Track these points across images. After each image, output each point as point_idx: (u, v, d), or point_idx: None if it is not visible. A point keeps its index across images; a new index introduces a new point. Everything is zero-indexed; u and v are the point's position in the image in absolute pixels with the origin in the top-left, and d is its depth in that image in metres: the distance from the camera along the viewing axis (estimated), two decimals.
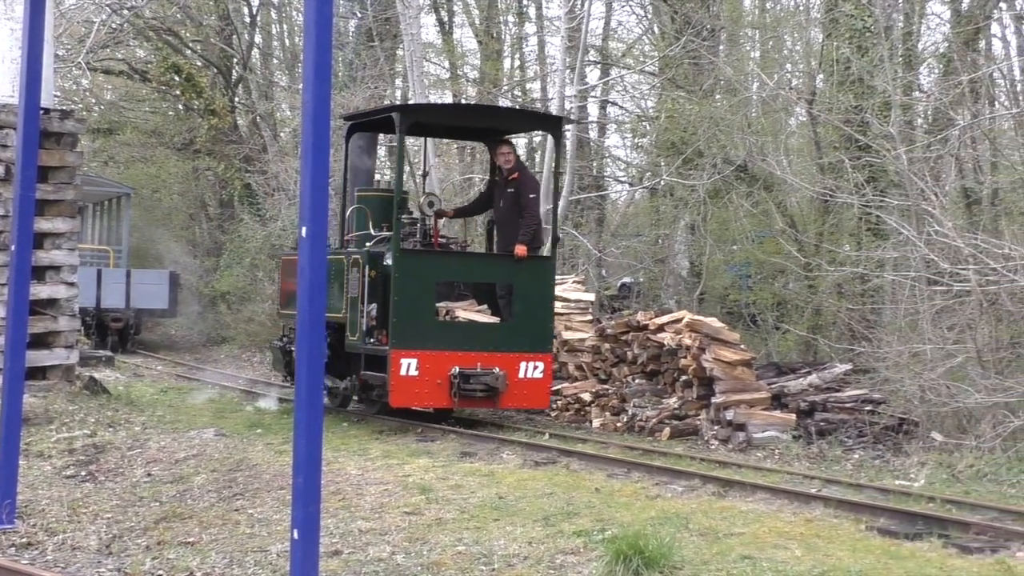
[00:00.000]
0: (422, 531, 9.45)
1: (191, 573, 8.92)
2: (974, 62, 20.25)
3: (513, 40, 32.34)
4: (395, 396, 14.74)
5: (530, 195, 15.91)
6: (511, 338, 15.30)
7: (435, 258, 15.76)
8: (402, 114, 15.52)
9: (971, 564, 8.43)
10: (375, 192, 16.99)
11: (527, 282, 15.57)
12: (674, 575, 7.94)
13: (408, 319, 14.71)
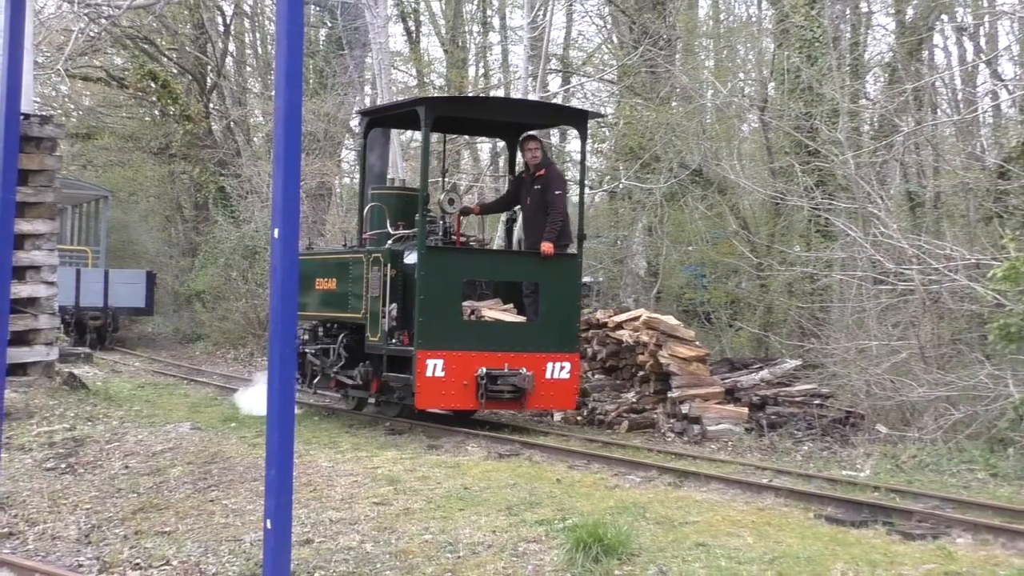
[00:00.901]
0: (390, 521, 9.45)
1: (168, 561, 8.90)
2: (917, 71, 20.39)
3: (477, 49, 32.38)
4: (421, 398, 13.83)
5: (556, 191, 15.02)
6: (538, 338, 14.41)
7: (461, 256, 14.83)
8: (428, 107, 14.52)
9: (913, 550, 8.49)
10: (392, 190, 16.25)
11: (553, 280, 14.66)
12: (632, 562, 7.96)
13: (434, 319, 13.83)
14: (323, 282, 15.78)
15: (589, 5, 28.30)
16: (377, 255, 14.43)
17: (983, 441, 13.40)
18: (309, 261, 16.41)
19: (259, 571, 8.17)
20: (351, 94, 30.56)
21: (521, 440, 13.37)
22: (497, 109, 17.13)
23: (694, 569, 7.77)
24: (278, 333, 8.20)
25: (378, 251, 14.54)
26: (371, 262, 14.48)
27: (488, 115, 16.47)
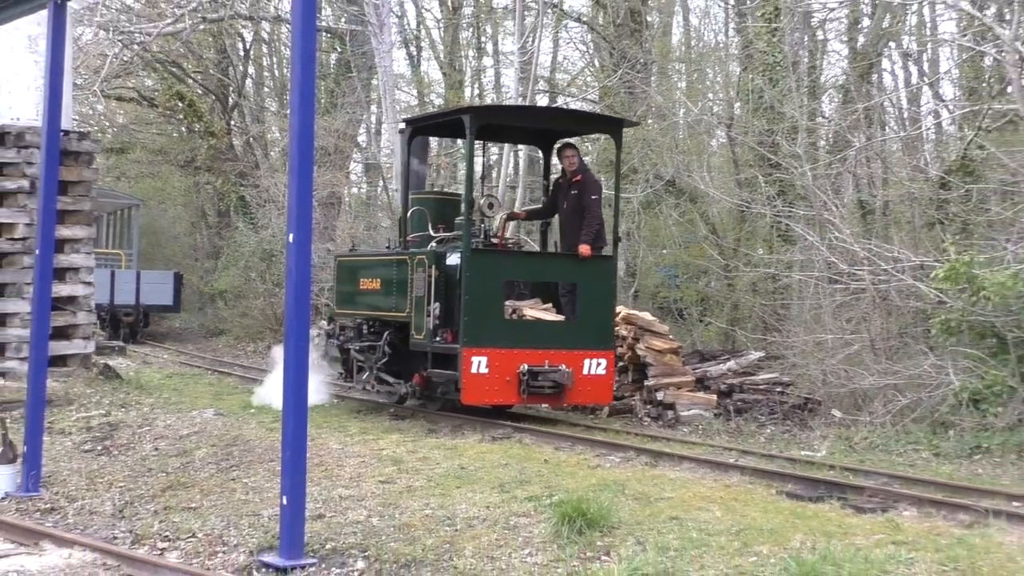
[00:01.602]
0: (394, 497, 9.45)
1: (193, 534, 8.89)
2: (868, 92, 20.43)
3: (473, 72, 32.35)
4: (467, 393, 13.18)
5: (592, 196, 14.39)
6: (576, 336, 13.79)
7: (504, 258, 14.21)
8: (474, 115, 13.94)
9: (865, 522, 8.51)
10: (432, 195, 15.78)
11: (591, 281, 14.05)
12: (612, 534, 7.96)
13: (478, 318, 13.21)
14: (367, 282, 15.21)
15: (573, 32, 28.38)
16: (421, 257, 13.86)
17: (927, 424, 13.42)
18: (354, 262, 16.09)
19: (276, 543, 8.17)
20: (358, 112, 30.55)
21: (512, 425, 13.37)
22: (538, 117, 16.45)
23: (668, 540, 7.78)
24: (292, 328, 8.20)
25: (422, 253, 13.95)
26: (416, 263, 13.92)
27: (529, 123, 15.79)
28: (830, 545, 7.54)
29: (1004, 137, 15.93)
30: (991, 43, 16.03)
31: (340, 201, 30.25)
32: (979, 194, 15.86)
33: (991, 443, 12.12)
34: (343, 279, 16.14)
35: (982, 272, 13.02)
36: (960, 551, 7.45)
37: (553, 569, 7.43)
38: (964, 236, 15.19)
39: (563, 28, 27.61)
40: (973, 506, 8.97)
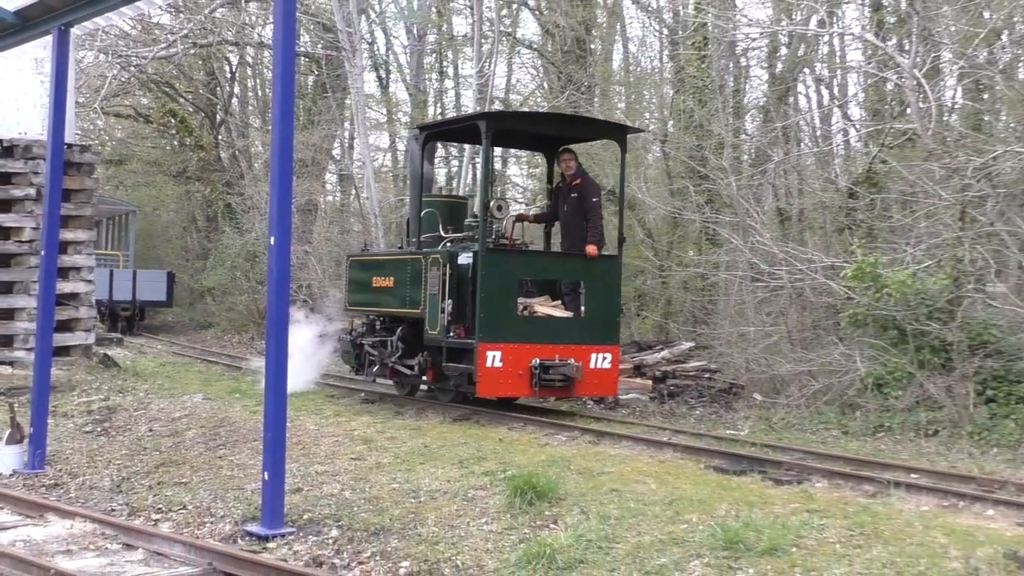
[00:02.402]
0: (365, 472, 9.44)
1: (184, 506, 8.85)
2: (785, 113, 20.56)
3: (436, 93, 32.30)
4: (482, 386, 12.48)
5: (593, 199, 13.67)
6: (583, 331, 13.11)
7: (517, 257, 13.45)
8: (489, 121, 13.13)
9: (782, 492, 8.58)
10: (442, 198, 15.01)
11: (597, 279, 13.34)
12: (559, 505, 7.98)
13: (493, 314, 12.50)
14: (380, 280, 14.38)
15: (525, 58, 28.36)
16: (436, 256, 13.11)
17: (836, 406, 13.54)
18: (367, 262, 15.41)
19: (259, 514, 8.14)
20: (333, 128, 30.44)
21: (470, 407, 13.37)
22: (549, 123, 15.22)
23: (609, 510, 7.80)
24: (273, 322, 8.18)
25: (437, 252, 13.19)
26: (430, 263, 13.17)
27: (542, 129, 14.63)
28: (752, 513, 7.60)
29: (904, 153, 16.07)
30: (892, 70, 16.19)
31: (316, 208, 30.14)
32: (882, 203, 16.00)
33: (892, 422, 12.24)
34: (356, 278, 15.34)
35: (885, 272, 13.14)
36: (865, 517, 7.52)
37: (507, 536, 7.44)
38: (869, 240, 15.30)
39: (516, 54, 27.61)
40: (877, 478, 9.05)
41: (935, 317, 12.60)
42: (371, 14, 30.87)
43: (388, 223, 25.41)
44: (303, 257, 25.39)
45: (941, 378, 12.34)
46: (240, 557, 7.06)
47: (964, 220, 13.02)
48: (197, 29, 28.37)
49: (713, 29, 20.00)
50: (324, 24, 27.78)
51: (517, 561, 6.86)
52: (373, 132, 30.97)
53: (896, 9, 19.21)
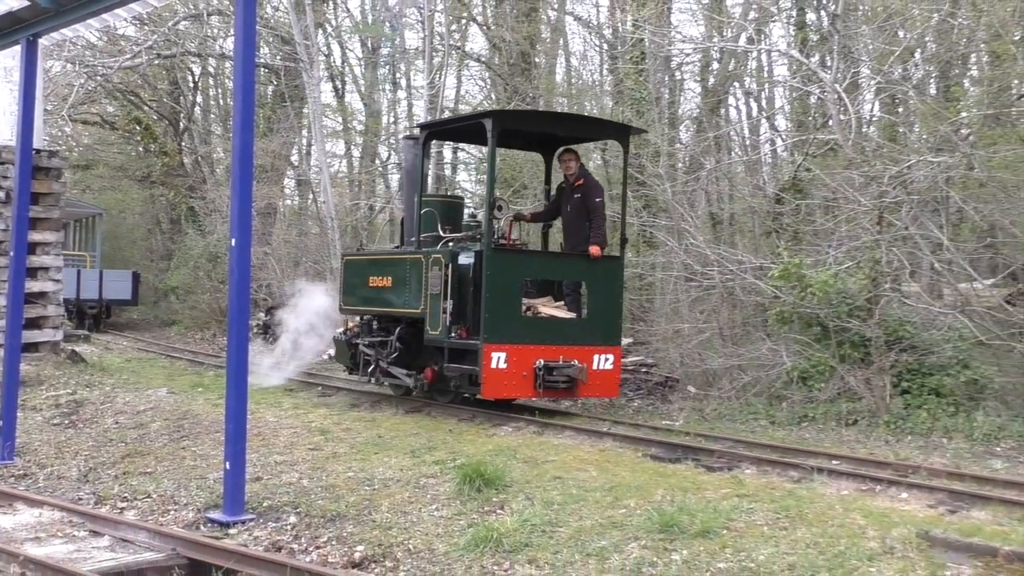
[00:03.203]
0: (322, 462, 9.39)
1: (149, 495, 8.75)
2: (717, 123, 20.74)
3: (389, 103, 32.23)
4: (487, 388, 11.63)
5: (596, 199, 12.80)
6: (586, 332, 12.30)
7: (522, 257, 12.70)
8: (495, 120, 12.10)
9: (714, 479, 8.64)
10: (440, 197, 13.87)
11: (600, 280, 12.56)
12: (505, 491, 7.99)
13: (498, 315, 11.68)
14: (377, 280, 13.43)
15: (473, 70, 28.36)
16: (438, 256, 12.22)
17: (764, 397, 13.64)
18: (363, 261, 14.30)
19: (220, 502, 8.07)
20: (291, 136, 30.24)
21: (423, 400, 13.34)
22: (555, 122, 14.16)
23: (552, 496, 7.82)
24: (234, 319, 8.11)
25: (439, 252, 12.30)
26: (432, 262, 12.27)
27: (547, 128, 13.62)
28: (686, 498, 7.65)
29: (826, 161, 16.25)
30: (815, 84, 16.36)
31: (276, 211, 29.94)
32: (806, 208, 16.16)
33: (816, 413, 12.35)
34: (351, 277, 14.23)
35: (809, 272, 13.25)
36: (791, 501, 7.60)
37: (456, 521, 7.44)
38: (795, 243, 15.46)
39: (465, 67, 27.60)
40: (801, 464, 9.11)
41: (855, 315, 12.73)
42: (327, 28, 30.74)
43: (344, 226, 25.31)
44: (263, 258, 25.21)
45: (860, 371, 12.47)
46: (202, 543, 6.99)
47: (881, 224, 13.15)
48: (161, 41, 28.10)
49: (650, 45, 20.12)
50: (283, 37, 27.58)
51: (466, 545, 6.86)
52: (329, 140, 30.81)
53: (819, 28, 19.45)
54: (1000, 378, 12.22)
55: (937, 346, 12.33)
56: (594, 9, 28.86)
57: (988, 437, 10.86)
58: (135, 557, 6.92)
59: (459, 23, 26.38)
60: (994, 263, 14.64)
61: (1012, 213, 13.82)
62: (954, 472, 9.00)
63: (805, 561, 6.23)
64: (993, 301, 13.41)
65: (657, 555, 6.48)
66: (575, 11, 28.03)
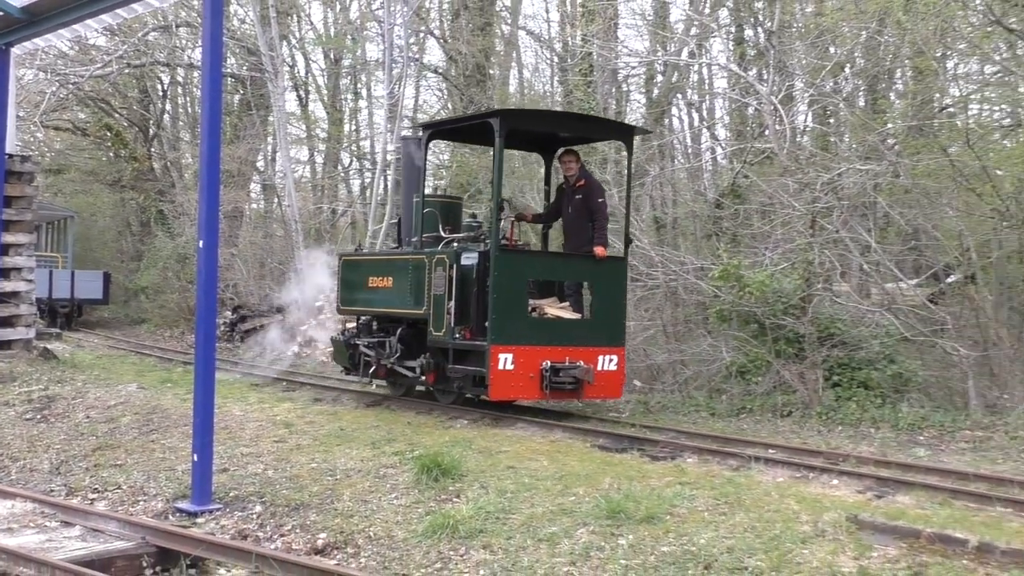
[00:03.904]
0: (286, 453, 9.33)
1: (119, 486, 8.66)
2: (661, 132, 20.82)
3: (351, 111, 32.07)
4: (494, 389, 10.89)
5: (598, 199, 12.12)
6: (591, 333, 11.58)
7: (529, 257, 12.05)
8: (503, 119, 11.27)
9: (658, 467, 8.68)
10: (441, 198, 13.03)
11: (605, 281, 11.85)
12: (461, 480, 7.98)
13: (505, 316, 10.97)
14: (377, 280, 12.69)
15: (431, 81, 28.27)
16: (442, 256, 11.51)
17: (705, 391, 13.72)
18: (362, 262, 13.47)
19: (188, 492, 8.00)
20: (257, 142, 30.01)
21: (382, 394, 13.29)
22: (562, 122, 13.27)
23: (506, 484, 7.82)
24: (202, 317, 8.04)
25: (443, 253, 11.59)
26: (435, 263, 11.56)
27: (553, 128, 12.81)
28: (632, 486, 7.68)
29: (763, 169, 16.39)
30: (753, 97, 16.50)
31: (242, 214, 29.69)
32: (744, 213, 16.27)
33: (753, 405, 12.44)
34: (349, 278, 13.42)
35: (747, 273, 13.34)
36: (730, 488, 7.65)
37: (414, 509, 7.42)
38: (734, 245, 15.56)
39: (423, 78, 27.52)
40: (739, 453, 9.18)
41: (789, 312, 12.84)
42: (291, 40, 30.55)
43: (308, 228, 25.16)
44: (229, 259, 25.00)
45: (794, 366, 12.57)
46: (171, 532, 6.93)
47: (814, 228, 13.26)
48: (131, 51, 27.78)
49: (598, 58, 20.19)
50: (249, 48, 27.36)
51: (424, 531, 6.85)
52: (293, 146, 30.60)
53: (756, 43, 19.61)
54: (923, 372, 12.38)
55: (865, 342, 12.46)
56: (545, 24, 28.94)
57: (912, 427, 11.01)
58: (106, 546, 6.84)
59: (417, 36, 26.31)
60: (918, 264, 14.84)
61: (934, 217, 14.02)
62: (881, 460, 9.12)
63: (743, 544, 6.28)
64: (917, 300, 13.59)
65: (605, 540, 6.50)
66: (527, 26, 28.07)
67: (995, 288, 12.88)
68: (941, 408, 11.64)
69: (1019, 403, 11.10)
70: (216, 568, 6.44)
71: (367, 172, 29.75)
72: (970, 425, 10.94)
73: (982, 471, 8.70)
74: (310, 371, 16.95)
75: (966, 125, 13.88)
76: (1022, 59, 13.87)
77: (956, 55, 15.48)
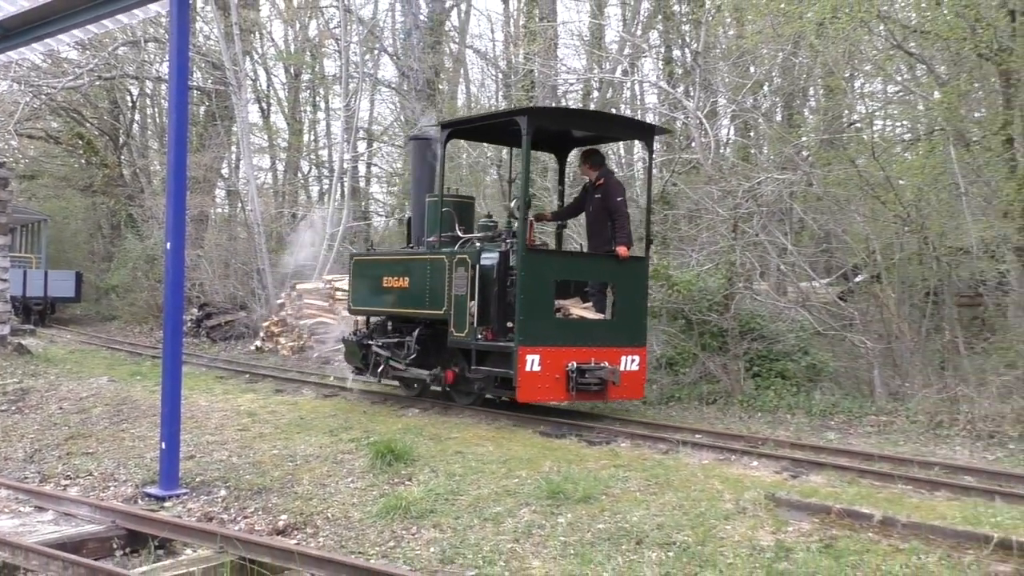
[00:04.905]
0: (249, 441, 9.24)
1: (91, 473, 8.51)
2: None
3: (310, 122, 31.80)
4: (523, 392, 10.04)
5: (618, 198, 11.29)
6: (614, 333, 10.75)
7: (555, 258, 11.19)
8: (531, 117, 10.34)
9: (595, 451, 8.72)
10: (456, 198, 11.78)
11: (627, 281, 11.01)
12: (413, 465, 7.96)
13: (532, 316, 10.12)
14: (393, 281, 11.69)
15: (385, 95, 28.11)
16: (463, 256, 10.62)
17: None
18: (377, 262, 12.39)
19: (157, 478, 7.89)
20: (221, 151, 29.61)
21: (339, 386, 13.20)
22: (589, 121, 12.19)
23: (454, 468, 7.81)
24: (170, 314, 7.92)
25: (464, 253, 10.69)
26: (456, 263, 10.67)
27: (580, 127, 11.76)
28: (570, 469, 7.71)
29: (690, 178, 16.51)
30: (680, 111, 16.63)
31: (207, 218, 29.30)
32: (673, 217, 16.39)
33: (681, 394, 12.53)
34: (362, 278, 12.43)
35: (675, 273, 13.44)
36: (660, 470, 7.71)
37: (369, 492, 7.38)
38: (663, 247, 15.65)
39: (377, 91, 27.36)
40: (668, 438, 9.25)
41: (714, 309, 12.95)
42: (254, 55, 30.23)
43: (270, 232, 24.91)
44: (195, 260, 24.67)
45: (718, 358, 12.69)
46: (140, 515, 6.82)
47: (736, 232, 13.38)
48: (102, 64, 27.28)
49: (538, 75, 20.21)
50: (214, 63, 26.98)
51: (378, 512, 6.82)
52: (256, 154, 30.23)
53: (683, 63, 19.77)
54: (834, 363, 12.57)
55: (782, 336, 12.61)
56: (491, 43, 28.93)
57: (824, 413, 11.17)
58: (77, 529, 6.72)
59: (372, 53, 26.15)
60: (829, 265, 15.06)
61: (843, 223, 14.23)
62: (796, 443, 9.24)
63: (671, 521, 6.34)
64: (828, 297, 13.79)
65: (545, 518, 6.52)
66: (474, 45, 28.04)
67: (897, 287, 13.11)
68: (850, 396, 11.82)
69: (918, 391, 11.31)
70: (183, 549, 6.35)
71: (325, 179, 29.55)
72: (875, 411, 11.14)
73: (886, 452, 8.87)
74: (271, 364, 16.79)
75: (871, 139, 14.11)
76: (921, 80, 14.15)
77: (862, 76, 15.73)
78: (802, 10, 12.97)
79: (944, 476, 7.82)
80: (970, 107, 12.81)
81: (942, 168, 12.48)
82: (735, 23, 17.46)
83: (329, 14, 28.17)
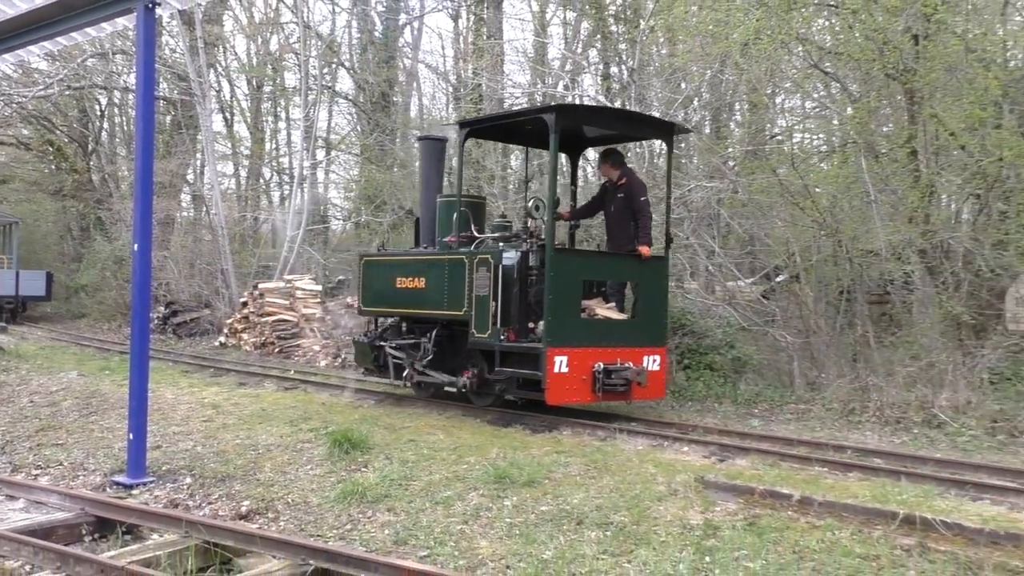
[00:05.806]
0: (214, 431, 9.11)
1: (61, 463, 8.32)
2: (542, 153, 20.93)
3: (271, 131, 31.47)
4: (552, 394, 9.35)
5: (641, 198, 10.51)
6: (636, 333, 10.10)
7: (582, 258, 10.47)
8: (559, 114, 9.52)
9: (539, 439, 8.75)
10: (472, 198, 11.17)
11: (650, 280, 10.36)
12: (369, 452, 7.91)
13: (560, 317, 9.43)
14: (407, 281, 10.92)
15: (342, 106, 27.89)
16: (485, 256, 9.91)
17: None
18: (389, 262, 11.51)
19: (124, 467, 7.75)
20: (187, 158, 29.17)
21: (299, 379, 13.08)
22: (613, 119, 11.13)
23: (407, 455, 7.78)
24: (137, 312, 7.78)
25: (486, 252, 9.97)
26: (478, 263, 9.96)
27: (605, 125, 10.91)
28: (516, 455, 7.72)
29: None
30: None
31: (173, 221, 28.86)
32: None
33: None
34: (373, 279, 11.62)
35: None
36: (598, 456, 7.75)
37: (328, 478, 7.32)
38: None
39: (335, 103, 27.13)
40: (606, 426, 9.33)
41: None
42: (218, 67, 29.81)
43: (233, 234, 24.60)
44: (162, 261, 24.28)
45: None
46: (108, 502, 6.69)
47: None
48: (71, 74, 26.72)
49: (486, 89, 20.22)
50: (179, 74, 26.56)
51: (336, 497, 6.76)
52: (220, 161, 29.80)
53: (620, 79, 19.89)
54: (757, 355, 12.72)
55: (711, 331, 12.73)
56: (442, 59, 28.86)
57: (748, 402, 11.32)
58: (47, 516, 6.57)
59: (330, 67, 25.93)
60: (753, 266, 15.25)
61: (766, 227, 14.42)
62: (723, 430, 9.35)
63: (609, 503, 6.38)
64: (752, 296, 13.97)
65: (492, 501, 6.52)
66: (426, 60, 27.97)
67: (814, 286, 13.32)
68: (772, 386, 11.98)
69: (833, 381, 11.50)
70: (149, 534, 6.24)
71: (286, 185, 29.24)
72: (795, 399, 11.31)
73: (804, 437, 9.01)
74: (235, 359, 16.58)
75: (791, 150, 14.32)
76: (835, 97, 14.39)
77: (783, 92, 15.96)
78: (728, 32, 13.12)
79: (856, 459, 7.97)
80: (879, 122, 13.06)
81: (854, 177, 12.71)
82: (667, 43, 17.60)
83: (289, 29, 27.91)
